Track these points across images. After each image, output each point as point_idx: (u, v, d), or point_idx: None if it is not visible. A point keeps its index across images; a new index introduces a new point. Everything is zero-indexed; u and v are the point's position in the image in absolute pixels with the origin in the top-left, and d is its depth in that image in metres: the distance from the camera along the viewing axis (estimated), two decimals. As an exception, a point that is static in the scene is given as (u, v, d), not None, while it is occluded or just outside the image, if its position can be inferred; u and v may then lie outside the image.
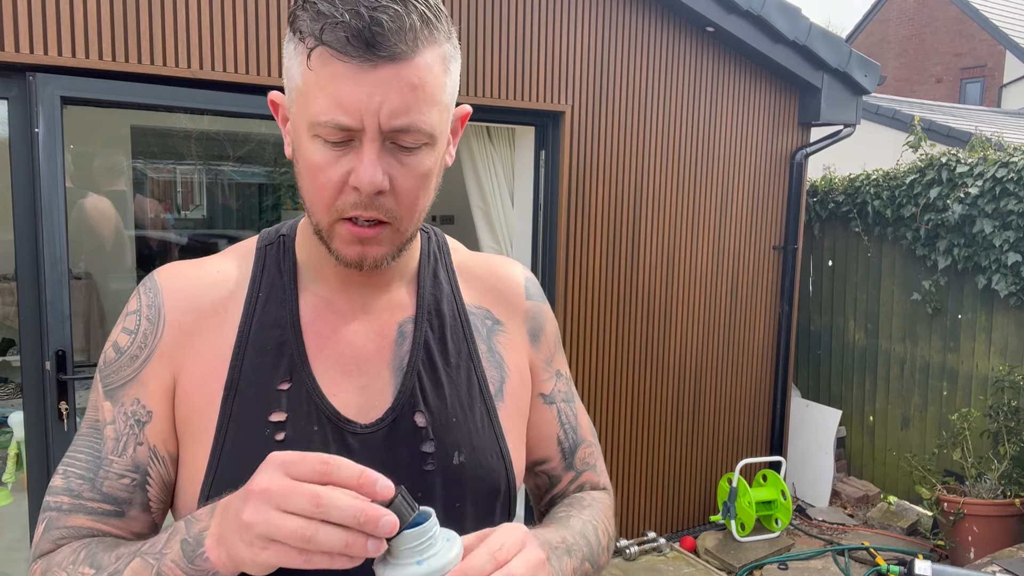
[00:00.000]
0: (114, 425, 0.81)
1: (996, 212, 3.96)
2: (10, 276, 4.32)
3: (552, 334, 0.99)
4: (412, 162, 0.74)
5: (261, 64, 2.69)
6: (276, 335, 0.83)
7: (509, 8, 3.20)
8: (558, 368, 0.99)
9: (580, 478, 1.00)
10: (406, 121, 0.71)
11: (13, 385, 4.82)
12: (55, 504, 0.79)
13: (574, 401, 1.01)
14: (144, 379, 0.81)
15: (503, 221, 3.71)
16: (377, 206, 0.74)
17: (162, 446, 0.81)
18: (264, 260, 0.87)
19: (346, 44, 0.68)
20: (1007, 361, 4.01)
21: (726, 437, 4.24)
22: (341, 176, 0.73)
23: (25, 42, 2.32)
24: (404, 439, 0.82)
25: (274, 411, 0.80)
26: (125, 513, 0.80)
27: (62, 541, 0.78)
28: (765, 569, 3.80)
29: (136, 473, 0.80)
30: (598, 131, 3.52)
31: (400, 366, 0.85)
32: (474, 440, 0.85)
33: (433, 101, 0.73)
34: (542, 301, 0.99)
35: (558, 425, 0.98)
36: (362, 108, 0.70)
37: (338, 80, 0.70)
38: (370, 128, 0.71)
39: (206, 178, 6.34)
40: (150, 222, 5.65)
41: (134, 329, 0.83)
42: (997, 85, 13.38)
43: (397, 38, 0.69)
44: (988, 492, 3.75)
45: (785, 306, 4.31)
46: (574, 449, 0.99)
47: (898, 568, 1.86)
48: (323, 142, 0.73)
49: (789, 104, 4.16)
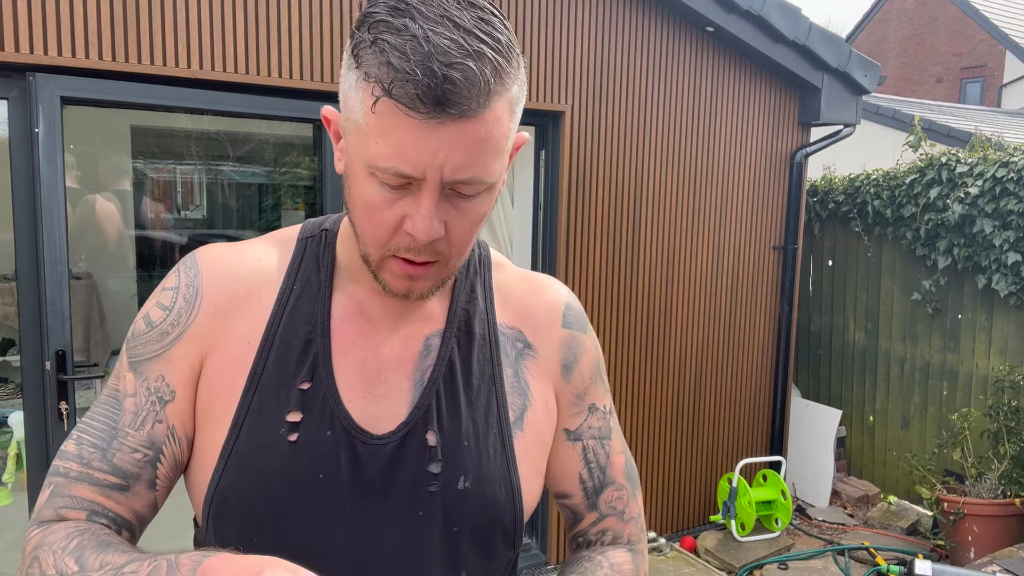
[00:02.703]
0: (135, 398, 0.81)
1: (996, 212, 3.95)
2: (10, 276, 4.32)
3: (589, 367, 0.93)
4: (469, 208, 0.73)
5: (261, 64, 2.69)
6: (305, 332, 0.82)
7: (509, 8, 3.20)
8: (592, 402, 0.93)
9: (603, 522, 0.95)
10: (469, 175, 0.70)
11: (13, 385, 4.82)
12: (64, 470, 0.79)
13: (609, 439, 0.95)
14: (172, 357, 0.81)
15: (503, 221, 3.71)
16: (430, 251, 0.74)
17: (180, 427, 0.81)
18: (304, 253, 0.86)
19: (415, 100, 0.65)
20: (1007, 361, 4.01)
21: (726, 437, 4.24)
22: (396, 219, 0.72)
23: (25, 42, 2.32)
24: (412, 456, 0.81)
25: (291, 410, 0.79)
26: (130, 488, 0.79)
27: (63, 511, 0.78)
28: (765, 569, 3.80)
29: (150, 450, 0.80)
30: (598, 131, 3.52)
31: (420, 380, 0.83)
32: (483, 467, 0.82)
33: (497, 151, 0.71)
34: (582, 330, 0.93)
35: (582, 463, 0.93)
36: (425, 162, 0.68)
37: (402, 131, 0.67)
38: (431, 180, 0.69)
39: (206, 178, 6.34)
40: (150, 222, 5.65)
41: (169, 306, 0.82)
42: (997, 85, 13.37)
43: (469, 96, 0.66)
44: (988, 492, 3.75)
45: (785, 306, 4.31)
46: (599, 490, 0.94)
47: (898, 568, 1.86)
48: (380, 183, 0.71)
49: (789, 104, 4.16)
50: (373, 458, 0.80)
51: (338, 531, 0.79)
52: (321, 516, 0.78)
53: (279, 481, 0.78)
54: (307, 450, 0.78)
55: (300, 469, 0.78)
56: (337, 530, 0.79)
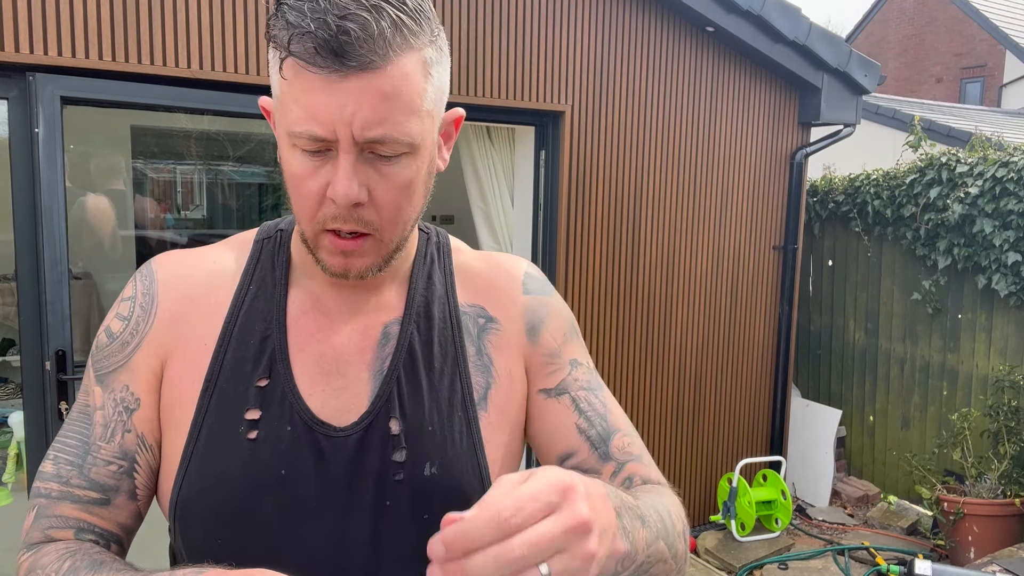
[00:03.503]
0: (103, 411, 0.81)
1: (996, 212, 3.95)
2: (10, 276, 4.32)
3: (559, 327, 0.90)
4: (391, 172, 0.73)
5: (261, 64, 2.69)
6: (260, 329, 0.82)
7: (509, 8, 3.20)
8: (573, 358, 0.89)
9: (624, 470, 0.85)
10: (380, 132, 0.70)
11: (13, 385, 4.82)
12: (44, 491, 0.79)
13: (600, 391, 0.89)
14: (133, 366, 0.81)
15: (503, 221, 3.71)
16: (356, 218, 0.73)
17: (149, 434, 0.81)
18: (259, 254, 0.87)
19: (314, 55, 0.67)
20: (1007, 361, 4.01)
21: (726, 437, 4.23)
22: (320, 187, 0.72)
23: (25, 42, 2.32)
24: (376, 446, 0.80)
25: (250, 408, 0.79)
26: (111, 501, 0.79)
27: (50, 531, 0.78)
28: (765, 569, 3.80)
29: (124, 460, 0.80)
30: (598, 131, 3.52)
31: (380, 369, 0.82)
32: (449, 451, 0.81)
33: (411, 109, 0.71)
34: (544, 294, 0.92)
35: (576, 414, 0.86)
36: (334, 119, 0.68)
37: (309, 91, 0.68)
38: (344, 139, 0.69)
39: (206, 178, 6.33)
40: (150, 222, 5.65)
41: (127, 315, 0.83)
42: (997, 85, 13.37)
43: (367, 47, 0.67)
44: (988, 492, 3.75)
45: (785, 306, 4.31)
46: (606, 438, 0.86)
47: (898, 568, 1.86)
48: (301, 152, 0.72)
49: (789, 104, 4.16)
50: (336, 451, 0.79)
51: (305, 527, 0.78)
52: (286, 513, 0.78)
53: (240, 480, 0.77)
54: (267, 447, 0.78)
55: (261, 467, 0.77)
56: (304, 526, 0.78)
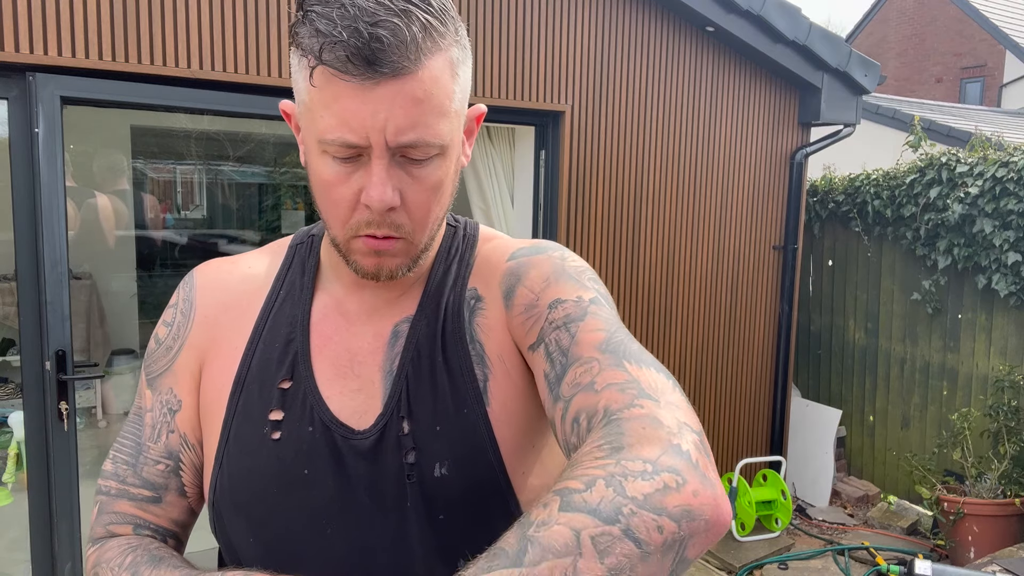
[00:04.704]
0: (152, 413, 0.86)
1: (996, 212, 3.95)
2: (10, 276, 4.32)
3: (538, 277, 0.80)
4: (423, 175, 0.73)
5: (261, 64, 2.69)
6: (286, 333, 0.84)
7: (509, 8, 3.20)
8: (553, 299, 0.77)
9: (570, 409, 0.70)
10: (413, 137, 0.70)
11: (13, 385, 4.82)
12: (105, 488, 0.86)
13: (582, 320, 0.75)
14: (176, 369, 0.86)
15: (503, 221, 3.71)
16: (389, 223, 0.74)
17: (191, 433, 0.86)
18: (292, 259, 0.90)
19: (346, 63, 0.67)
20: (1007, 361, 4.01)
21: (726, 436, 4.23)
22: (353, 194, 0.73)
23: (25, 42, 2.32)
24: (390, 448, 0.79)
25: (274, 409, 0.81)
26: (162, 499, 0.85)
27: (111, 527, 0.84)
28: (765, 569, 3.80)
29: (170, 459, 0.85)
30: (598, 131, 3.52)
31: (391, 370, 0.82)
32: (458, 451, 0.78)
33: (441, 112, 0.71)
34: (533, 254, 0.83)
35: (545, 361, 0.75)
36: (367, 126, 0.69)
37: (341, 99, 0.68)
38: (377, 146, 0.70)
39: (206, 178, 6.34)
40: (150, 222, 5.65)
41: (171, 321, 0.89)
42: (997, 85, 13.37)
43: (398, 53, 0.67)
44: (988, 492, 3.75)
45: (785, 306, 4.31)
46: (561, 376, 0.72)
47: (898, 568, 1.85)
48: (332, 158, 0.72)
49: (789, 104, 4.15)
50: (354, 453, 0.79)
51: (331, 527, 0.78)
52: (311, 511, 0.78)
53: (266, 479, 0.79)
54: (290, 447, 0.79)
55: (285, 466, 0.79)
56: (330, 526, 0.78)
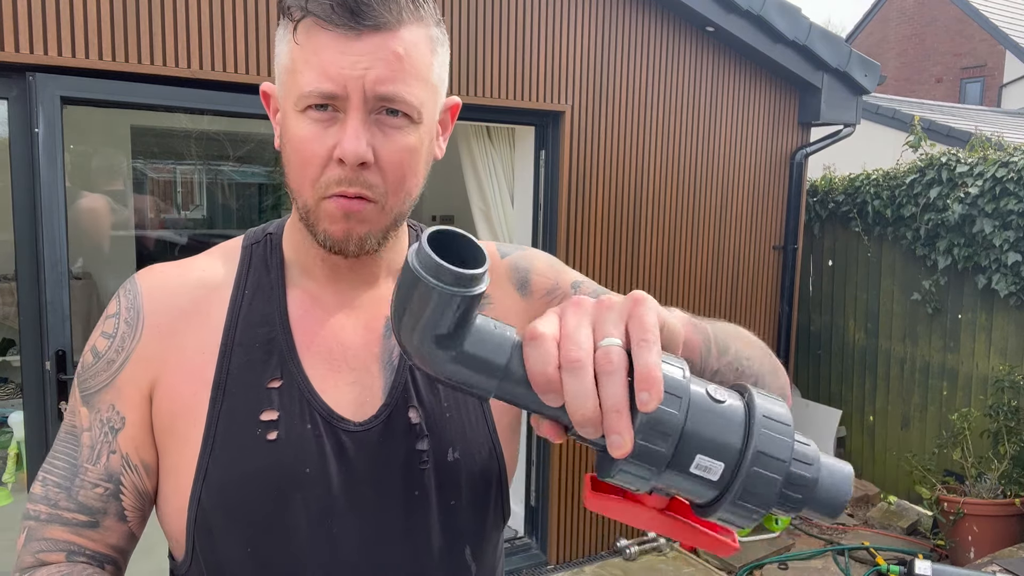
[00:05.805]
0: (90, 432, 0.79)
1: (996, 212, 3.95)
2: (10, 276, 4.32)
3: (546, 266, 0.92)
4: (397, 135, 0.74)
5: (261, 64, 2.69)
6: (264, 332, 0.81)
7: (509, 8, 3.20)
8: (573, 280, 0.91)
9: None
10: (391, 89, 0.71)
11: (13, 385, 4.82)
12: (34, 513, 0.79)
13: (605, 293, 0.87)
14: (120, 384, 0.79)
15: (503, 221, 3.71)
16: (362, 181, 0.73)
17: (135, 454, 0.79)
18: (250, 258, 0.85)
19: (331, 13, 0.70)
20: (1007, 361, 4.01)
21: (726, 437, 4.23)
22: (327, 150, 0.73)
23: (25, 42, 2.32)
24: (399, 437, 0.80)
25: (265, 410, 0.78)
26: (99, 524, 0.78)
27: (41, 555, 0.78)
28: (765, 569, 3.80)
29: (110, 482, 0.78)
30: (598, 131, 3.52)
31: (390, 361, 0.83)
32: (467, 435, 0.83)
33: (418, 75, 0.73)
34: (519, 250, 0.93)
35: None
36: (346, 75, 0.70)
37: (324, 50, 0.71)
38: (355, 95, 0.71)
39: (206, 178, 6.34)
40: (150, 222, 5.65)
41: (112, 333, 0.81)
42: (997, 85, 13.37)
43: (382, 7, 0.70)
44: (988, 492, 3.75)
45: (785, 306, 4.31)
46: None
47: (898, 568, 1.86)
48: (309, 119, 0.73)
49: (789, 104, 4.15)
50: (359, 446, 0.79)
51: (337, 525, 0.78)
52: (315, 511, 0.77)
53: (265, 483, 0.76)
54: (289, 447, 0.77)
55: (285, 467, 0.77)
56: (335, 524, 0.77)
